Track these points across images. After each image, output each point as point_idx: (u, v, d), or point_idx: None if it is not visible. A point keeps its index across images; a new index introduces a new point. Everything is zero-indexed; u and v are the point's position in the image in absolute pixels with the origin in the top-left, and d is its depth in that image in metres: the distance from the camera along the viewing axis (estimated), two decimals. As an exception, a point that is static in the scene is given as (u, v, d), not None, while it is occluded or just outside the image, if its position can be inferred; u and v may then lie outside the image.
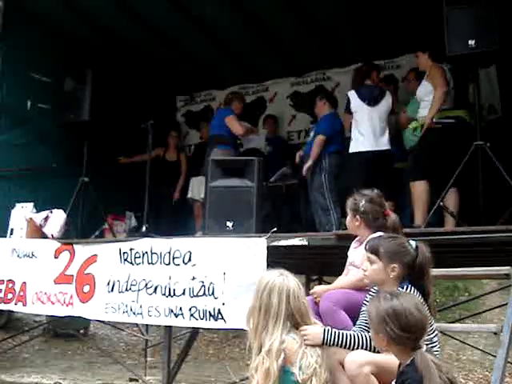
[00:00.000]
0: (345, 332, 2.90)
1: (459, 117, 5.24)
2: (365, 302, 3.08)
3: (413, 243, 3.06)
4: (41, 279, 5.31)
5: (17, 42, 6.57)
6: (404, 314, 2.37)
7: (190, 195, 7.68)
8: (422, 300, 2.82)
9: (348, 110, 6.07)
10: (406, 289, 2.89)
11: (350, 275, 3.63)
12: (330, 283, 3.98)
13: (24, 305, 5.38)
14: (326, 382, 2.72)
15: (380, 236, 3.21)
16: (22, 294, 5.38)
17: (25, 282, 5.39)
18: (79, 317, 5.15)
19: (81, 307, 5.07)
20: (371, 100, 5.93)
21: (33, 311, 5.59)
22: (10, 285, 5.47)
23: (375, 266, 3.00)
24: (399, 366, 2.46)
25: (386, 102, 5.99)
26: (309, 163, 6.18)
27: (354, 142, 5.89)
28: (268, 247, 4.32)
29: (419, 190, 5.20)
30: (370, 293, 3.09)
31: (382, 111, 5.95)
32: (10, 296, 5.46)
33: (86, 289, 5.05)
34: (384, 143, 5.84)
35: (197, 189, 7.54)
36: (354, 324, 3.13)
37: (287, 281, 2.81)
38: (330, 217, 6.04)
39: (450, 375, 2.32)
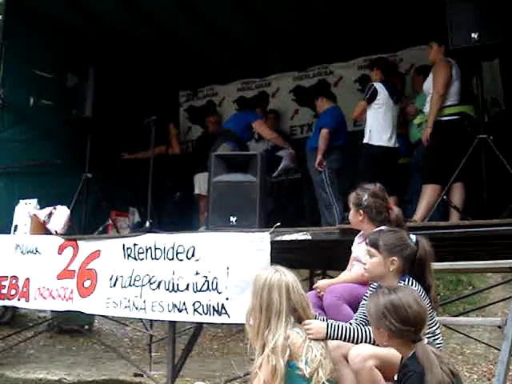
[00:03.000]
0: (348, 326, 2.89)
1: (464, 113, 5.21)
2: (365, 297, 3.08)
3: (413, 237, 3.05)
4: (44, 275, 5.31)
5: (19, 39, 6.57)
6: (403, 307, 2.38)
7: (197, 191, 7.59)
8: (422, 294, 2.82)
9: (370, 100, 5.80)
10: (408, 282, 2.88)
11: (353, 270, 3.64)
12: (333, 277, 3.98)
13: (27, 300, 5.39)
14: (332, 373, 2.72)
15: (380, 230, 3.20)
16: (25, 290, 5.39)
17: (28, 278, 5.39)
18: (83, 312, 5.14)
19: (80, 302, 5.07)
20: (396, 97, 5.92)
21: (34, 307, 5.60)
22: (14, 281, 5.48)
23: (375, 259, 2.99)
24: (401, 359, 2.47)
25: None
26: (318, 158, 6.15)
27: (374, 134, 5.74)
28: (272, 242, 4.32)
29: (431, 191, 5.16)
30: (370, 288, 3.09)
31: (399, 109, 5.99)
32: (13, 292, 5.47)
33: (87, 284, 5.05)
34: (395, 140, 5.83)
35: (203, 185, 7.47)
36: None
37: (284, 276, 2.80)
38: (332, 211, 6.03)
39: (451, 366, 2.33)
